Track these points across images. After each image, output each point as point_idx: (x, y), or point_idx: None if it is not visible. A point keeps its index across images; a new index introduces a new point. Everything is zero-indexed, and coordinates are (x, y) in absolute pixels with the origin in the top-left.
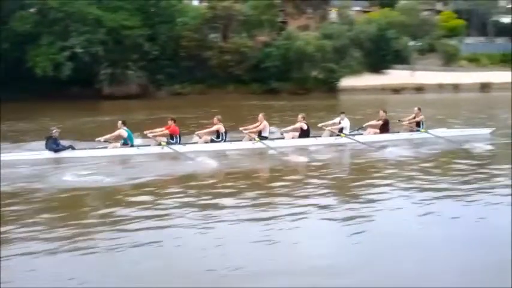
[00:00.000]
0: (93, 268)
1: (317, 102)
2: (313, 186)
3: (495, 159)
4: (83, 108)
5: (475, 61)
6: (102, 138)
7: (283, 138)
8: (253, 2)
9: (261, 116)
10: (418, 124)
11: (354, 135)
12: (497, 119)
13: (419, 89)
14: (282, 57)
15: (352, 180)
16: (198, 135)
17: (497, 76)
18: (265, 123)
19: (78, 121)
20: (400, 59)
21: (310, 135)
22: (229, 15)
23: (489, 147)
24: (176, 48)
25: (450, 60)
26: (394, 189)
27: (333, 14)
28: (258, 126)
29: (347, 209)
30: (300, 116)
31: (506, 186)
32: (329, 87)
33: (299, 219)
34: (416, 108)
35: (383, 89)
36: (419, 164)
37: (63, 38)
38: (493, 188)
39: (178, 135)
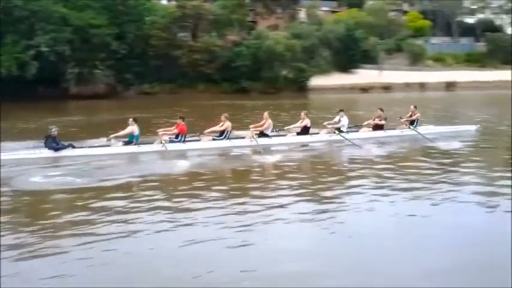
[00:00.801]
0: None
1: (288, 101)
2: (287, 184)
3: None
4: (49, 108)
5: (440, 61)
6: (113, 136)
7: (284, 135)
8: (222, 2)
9: (266, 114)
10: (412, 122)
11: (349, 132)
12: (465, 117)
13: (387, 88)
14: (252, 56)
15: (324, 179)
16: (205, 133)
17: (461, 75)
18: (269, 121)
19: (45, 121)
20: (368, 58)
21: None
22: (198, 14)
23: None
24: (145, 47)
25: (417, 59)
26: (366, 189)
27: (302, 14)
28: (263, 124)
29: (315, 209)
30: (303, 113)
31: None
32: (299, 86)
33: (271, 220)
34: (412, 107)
35: (352, 88)
36: (396, 162)
37: (29, 36)
38: (463, 186)
39: (184, 134)
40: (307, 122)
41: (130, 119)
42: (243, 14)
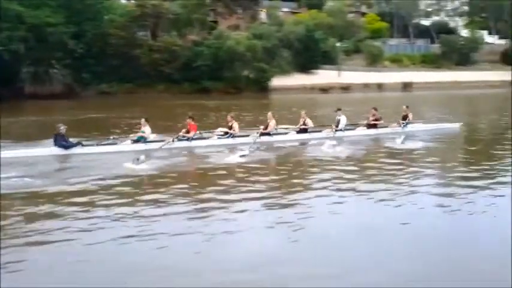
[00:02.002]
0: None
1: (249, 101)
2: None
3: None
4: (4, 109)
5: (397, 62)
6: (134, 136)
7: (285, 133)
8: (182, 1)
9: (270, 114)
10: (404, 120)
11: (346, 130)
12: (424, 116)
13: (346, 88)
14: (213, 56)
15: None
16: (213, 132)
17: (418, 76)
18: (274, 121)
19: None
20: (327, 59)
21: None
22: (158, 13)
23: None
24: (103, 46)
25: (374, 60)
26: (333, 188)
27: (263, 15)
28: (268, 124)
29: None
30: (303, 113)
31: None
32: (260, 86)
33: (235, 218)
34: (404, 107)
35: (312, 89)
36: (377, 161)
37: None
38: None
39: (194, 132)
40: (308, 121)
41: (143, 119)
42: (203, 14)
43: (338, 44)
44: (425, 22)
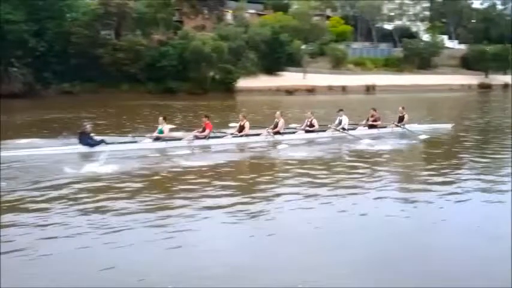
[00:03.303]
0: None
1: (216, 102)
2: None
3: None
4: None
5: (361, 65)
6: (153, 134)
7: (294, 133)
8: (147, 0)
9: (278, 113)
10: (401, 121)
11: (350, 129)
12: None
13: (311, 90)
14: (179, 56)
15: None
16: (225, 134)
17: (380, 79)
18: (282, 120)
19: None
20: (293, 61)
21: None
22: (122, 12)
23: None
24: (65, 45)
25: (339, 63)
26: (305, 186)
27: (229, 16)
28: (278, 123)
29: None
30: (309, 113)
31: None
32: (226, 87)
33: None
34: (400, 108)
35: (277, 90)
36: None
37: None
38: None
39: (210, 131)
40: (314, 121)
41: (161, 118)
42: (168, 14)
43: (303, 47)
44: (388, 26)
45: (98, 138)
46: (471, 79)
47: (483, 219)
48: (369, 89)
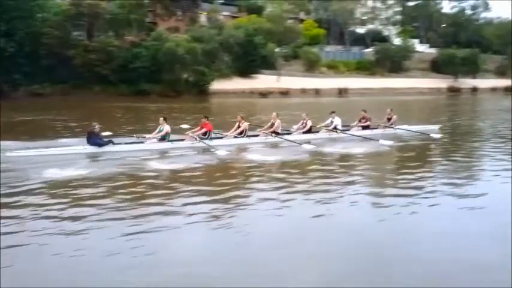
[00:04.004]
0: None
1: (190, 104)
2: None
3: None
4: None
5: (333, 68)
6: (152, 135)
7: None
8: (120, 1)
9: (274, 115)
10: (389, 121)
11: (344, 130)
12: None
13: (284, 93)
14: (152, 58)
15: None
16: (225, 135)
17: (352, 82)
18: (278, 121)
19: None
20: (267, 64)
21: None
22: (94, 13)
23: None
24: (36, 46)
25: (312, 66)
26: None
27: (203, 18)
28: (273, 124)
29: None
30: (304, 115)
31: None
32: (200, 90)
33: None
34: (389, 110)
35: (251, 93)
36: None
37: None
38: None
39: (210, 131)
40: (310, 122)
41: (161, 119)
42: (141, 15)
43: (277, 50)
44: (361, 30)
45: (105, 138)
46: (441, 83)
47: (454, 224)
48: (342, 92)
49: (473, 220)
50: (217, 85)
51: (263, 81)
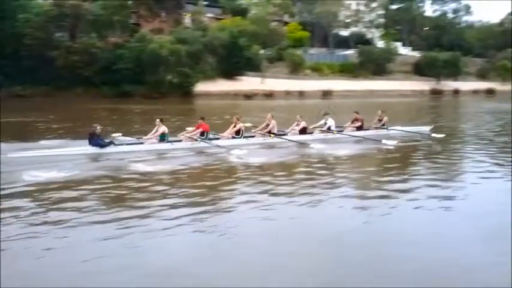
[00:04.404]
0: None
1: (174, 106)
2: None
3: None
4: None
5: (318, 70)
6: (147, 136)
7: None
8: (103, 2)
9: (269, 116)
10: (380, 122)
11: (339, 132)
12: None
13: (269, 95)
14: (135, 59)
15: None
16: (222, 135)
17: (336, 84)
18: (274, 122)
19: None
20: (251, 66)
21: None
22: (77, 14)
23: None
24: (17, 47)
25: (296, 69)
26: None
27: (187, 19)
28: (269, 125)
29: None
30: (298, 116)
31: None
32: (184, 91)
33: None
34: (380, 112)
35: (236, 95)
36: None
37: None
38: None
39: (207, 132)
40: (304, 123)
41: (158, 120)
42: (125, 16)
43: (261, 52)
44: (344, 32)
45: (107, 140)
46: (423, 85)
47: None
48: (326, 94)
49: (455, 221)
50: (201, 87)
51: (247, 83)
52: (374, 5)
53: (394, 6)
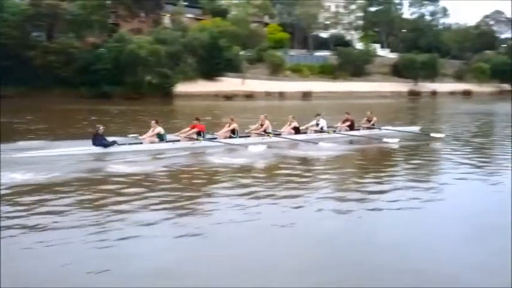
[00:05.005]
0: None
1: (154, 107)
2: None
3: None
4: None
5: (298, 71)
6: (145, 136)
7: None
8: (81, 1)
9: (262, 116)
10: (370, 122)
11: (333, 132)
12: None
13: (249, 96)
14: (114, 60)
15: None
16: (218, 135)
17: (316, 85)
18: (267, 122)
19: None
20: (231, 67)
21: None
22: (54, 14)
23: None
24: None
25: (276, 70)
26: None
27: (166, 20)
28: (263, 126)
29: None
30: (290, 117)
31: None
32: (164, 92)
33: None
34: (369, 112)
35: (216, 96)
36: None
37: None
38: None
39: (203, 132)
40: (295, 124)
41: (153, 121)
42: (103, 16)
43: (242, 53)
44: (324, 34)
45: (110, 139)
46: (401, 86)
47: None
48: (306, 95)
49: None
50: (181, 88)
51: (228, 84)
52: (353, 7)
53: (372, 9)
